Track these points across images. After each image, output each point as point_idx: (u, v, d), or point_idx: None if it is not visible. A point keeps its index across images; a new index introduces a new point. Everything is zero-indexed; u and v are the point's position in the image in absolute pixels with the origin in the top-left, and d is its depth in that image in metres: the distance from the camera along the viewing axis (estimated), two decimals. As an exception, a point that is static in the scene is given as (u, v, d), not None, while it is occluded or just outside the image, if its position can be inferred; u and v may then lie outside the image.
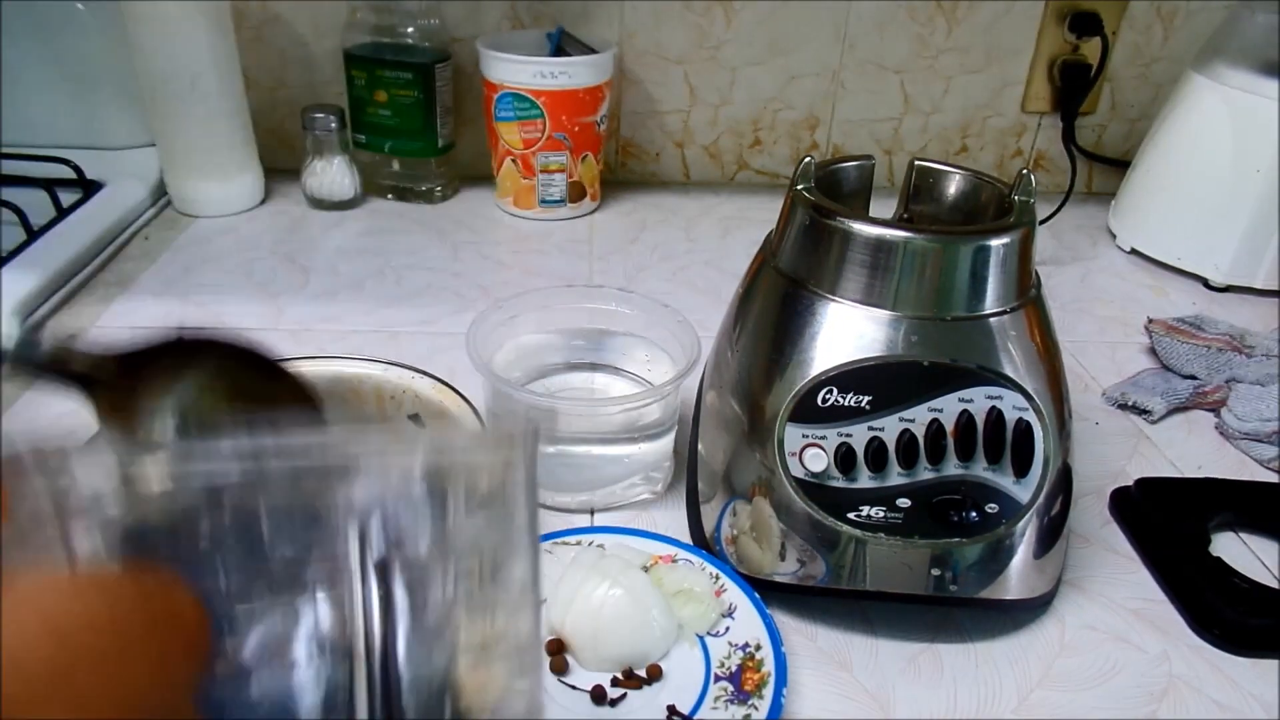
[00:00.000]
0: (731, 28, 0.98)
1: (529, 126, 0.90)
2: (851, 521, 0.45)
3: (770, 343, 0.47)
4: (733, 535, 0.49)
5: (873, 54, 1.00)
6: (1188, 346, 0.71)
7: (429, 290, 0.80)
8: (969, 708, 0.44)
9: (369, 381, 0.52)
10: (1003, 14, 0.99)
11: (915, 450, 0.44)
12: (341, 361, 0.53)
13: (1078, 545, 0.55)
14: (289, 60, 0.98)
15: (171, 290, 0.78)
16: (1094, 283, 0.89)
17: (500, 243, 0.91)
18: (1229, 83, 0.84)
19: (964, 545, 0.45)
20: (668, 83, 1.01)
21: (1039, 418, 0.45)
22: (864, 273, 0.45)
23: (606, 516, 0.55)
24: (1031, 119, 1.05)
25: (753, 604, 0.46)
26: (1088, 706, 0.45)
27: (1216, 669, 0.47)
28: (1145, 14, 1.00)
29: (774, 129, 1.05)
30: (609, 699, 0.42)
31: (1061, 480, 0.47)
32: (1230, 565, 0.51)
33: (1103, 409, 0.68)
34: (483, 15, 0.96)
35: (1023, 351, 0.45)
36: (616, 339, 0.60)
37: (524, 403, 0.52)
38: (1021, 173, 0.47)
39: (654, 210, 1.00)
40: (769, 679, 0.42)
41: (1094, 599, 0.51)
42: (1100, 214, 1.01)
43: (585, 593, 0.44)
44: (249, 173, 0.93)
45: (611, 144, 1.04)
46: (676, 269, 0.87)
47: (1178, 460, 0.63)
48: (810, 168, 0.48)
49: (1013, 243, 0.45)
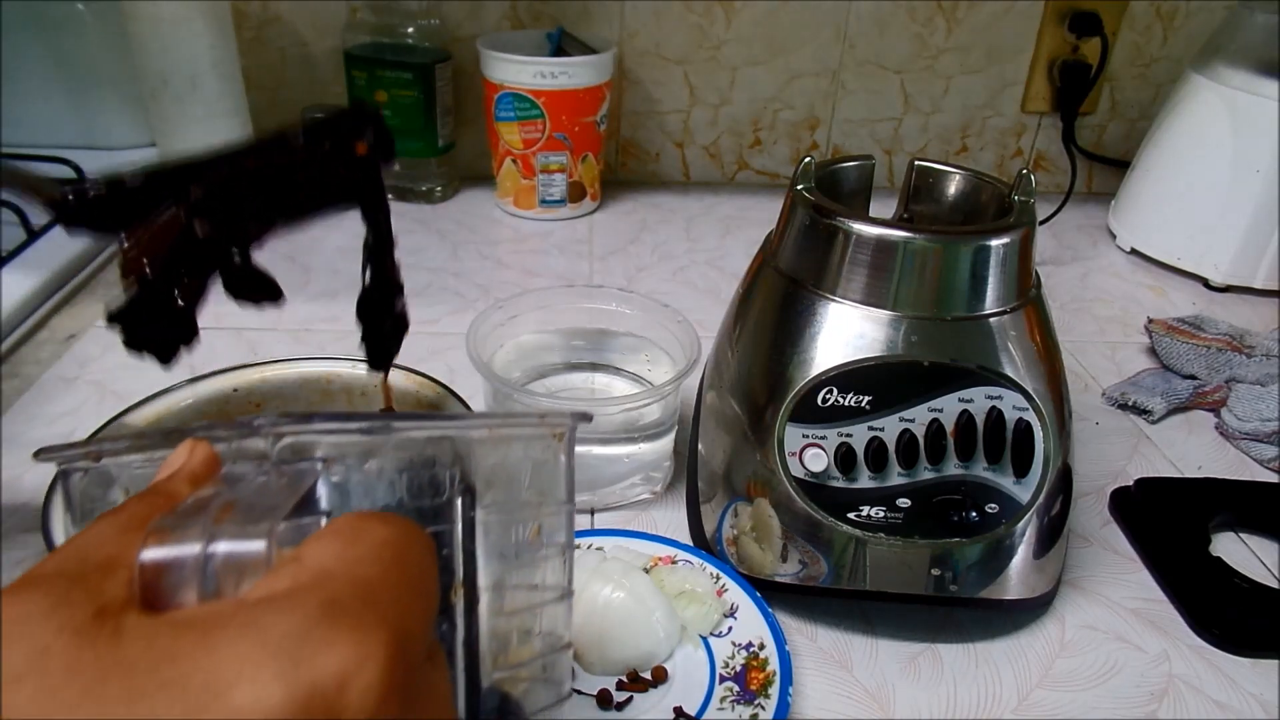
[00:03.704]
0: (731, 28, 0.98)
1: (529, 126, 0.90)
2: (852, 521, 0.45)
3: (770, 343, 0.47)
4: (733, 536, 0.49)
5: (873, 54, 1.00)
6: (1188, 346, 0.71)
7: (429, 290, 0.80)
8: (969, 708, 0.44)
9: (338, 381, 0.52)
10: (1002, 14, 0.99)
11: (915, 450, 0.44)
12: (309, 362, 0.52)
13: (1078, 545, 0.55)
14: (289, 60, 0.98)
15: (172, 290, 0.78)
16: (1094, 283, 0.89)
17: (500, 243, 0.91)
18: (1229, 83, 0.84)
19: (964, 545, 0.45)
20: (668, 83, 1.01)
21: (1039, 418, 0.45)
22: (864, 273, 0.45)
23: (606, 517, 0.55)
24: (1031, 119, 1.05)
25: (754, 604, 0.46)
26: (1087, 706, 0.45)
27: (1216, 669, 0.47)
28: (1145, 14, 1.00)
29: (774, 129, 1.05)
30: (615, 703, 0.42)
31: (1061, 480, 0.47)
32: (1230, 565, 0.51)
33: (1103, 409, 0.68)
34: (483, 15, 0.96)
35: (1023, 351, 0.45)
36: (616, 339, 0.60)
37: (532, 406, 0.52)
38: (1021, 173, 0.47)
39: (654, 210, 1.00)
40: (774, 678, 0.42)
41: (1094, 599, 0.51)
42: (1100, 214, 1.01)
43: (588, 597, 0.44)
44: (249, 173, 0.93)
45: (611, 144, 1.04)
46: (676, 269, 0.87)
47: (1178, 460, 0.63)
48: (810, 168, 0.48)
49: (1013, 243, 0.45)
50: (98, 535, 0.20)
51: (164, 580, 0.20)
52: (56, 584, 0.18)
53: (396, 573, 0.20)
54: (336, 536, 0.20)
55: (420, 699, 0.20)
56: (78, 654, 0.17)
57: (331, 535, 0.20)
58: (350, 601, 0.19)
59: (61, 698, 0.16)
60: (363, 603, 0.19)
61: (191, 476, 0.23)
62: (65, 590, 0.18)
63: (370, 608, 0.19)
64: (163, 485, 0.23)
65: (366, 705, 0.18)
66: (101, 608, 0.18)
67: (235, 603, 0.19)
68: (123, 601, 0.19)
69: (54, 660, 0.17)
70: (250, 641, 0.17)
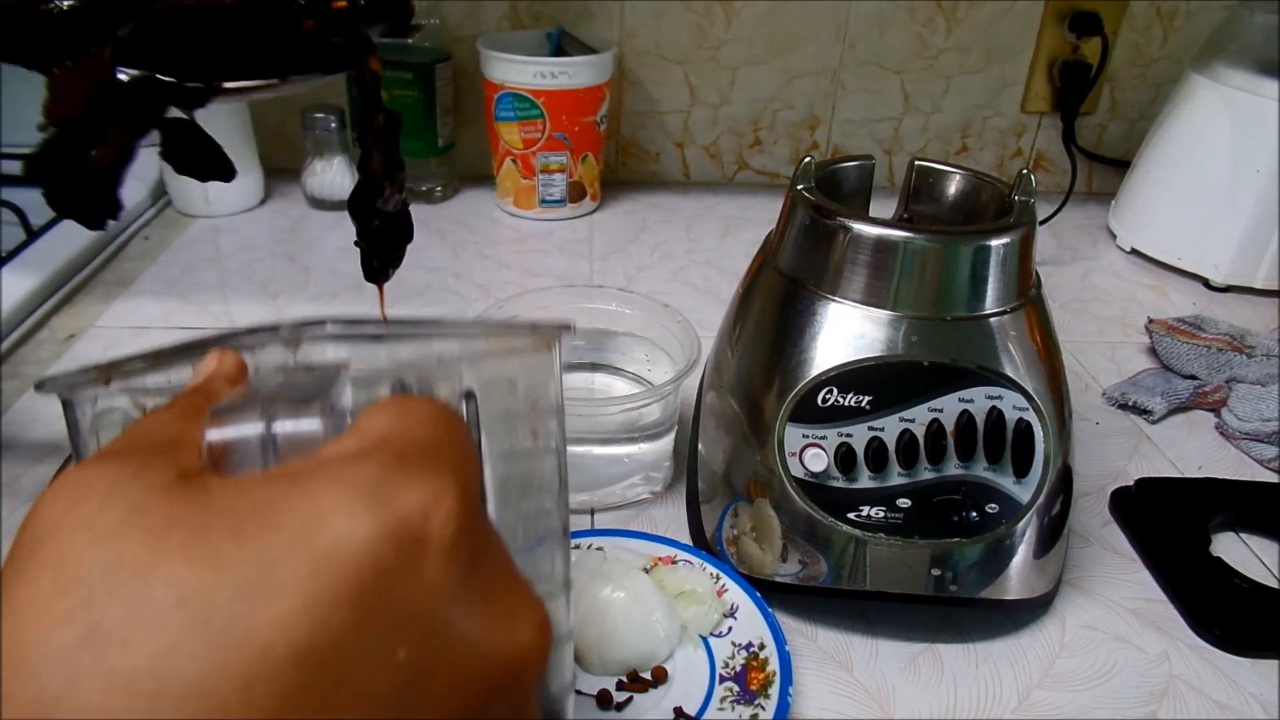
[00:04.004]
0: (731, 28, 0.98)
1: (529, 126, 0.90)
2: (851, 521, 0.45)
3: (770, 343, 0.47)
4: (734, 536, 0.49)
5: (873, 54, 1.00)
6: (1188, 346, 0.71)
7: (429, 290, 0.80)
8: (969, 708, 0.44)
9: None
10: (1002, 14, 0.99)
11: (915, 450, 0.44)
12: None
13: (1078, 545, 0.55)
14: (289, 60, 0.98)
15: (171, 290, 0.78)
16: (1094, 283, 0.89)
17: (500, 243, 0.91)
18: (1229, 83, 0.84)
19: (964, 545, 0.45)
20: (668, 83, 1.01)
21: (1039, 418, 0.45)
22: (864, 273, 0.45)
23: (606, 517, 0.55)
24: (1031, 119, 1.05)
25: (754, 604, 0.46)
26: (1087, 706, 0.45)
27: (1216, 669, 0.47)
28: (1145, 14, 1.00)
29: (774, 129, 1.05)
30: (615, 703, 0.42)
31: (1061, 480, 0.47)
32: (1230, 565, 0.51)
33: (1103, 409, 0.68)
34: (483, 15, 0.96)
35: (1023, 351, 0.45)
36: (616, 339, 0.60)
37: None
38: (1021, 173, 0.47)
39: (654, 210, 1.00)
40: (774, 678, 0.42)
41: (1094, 599, 0.51)
42: (1100, 214, 1.01)
43: (588, 597, 0.44)
44: (249, 173, 0.93)
45: (611, 144, 1.04)
46: (676, 269, 0.87)
47: (1178, 460, 0.63)
48: (810, 168, 0.48)
49: (1013, 243, 0.45)
50: (158, 421, 0.21)
51: (229, 459, 0.21)
52: (132, 457, 0.19)
53: (447, 435, 0.22)
54: (387, 411, 0.21)
55: (487, 543, 0.22)
56: (171, 507, 0.18)
57: (382, 410, 0.22)
58: (416, 455, 0.20)
59: (168, 543, 0.17)
60: (427, 455, 0.20)
61: (227, 378, 0.24)
62: (144, 459, 0.19)
63: (435, 459, 0.20)
64: (202, 386, 0.23)
65: (448, 532, 0.19)
66: (183, 470, 0.19)
67: (312, 460, 0.20)
68: (200, 469, 0.20)
69: (151, 514, 0.18)
70: (338, 485, 0.19)
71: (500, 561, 0.22)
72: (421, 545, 0.19)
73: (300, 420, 0.21)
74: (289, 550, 0.17)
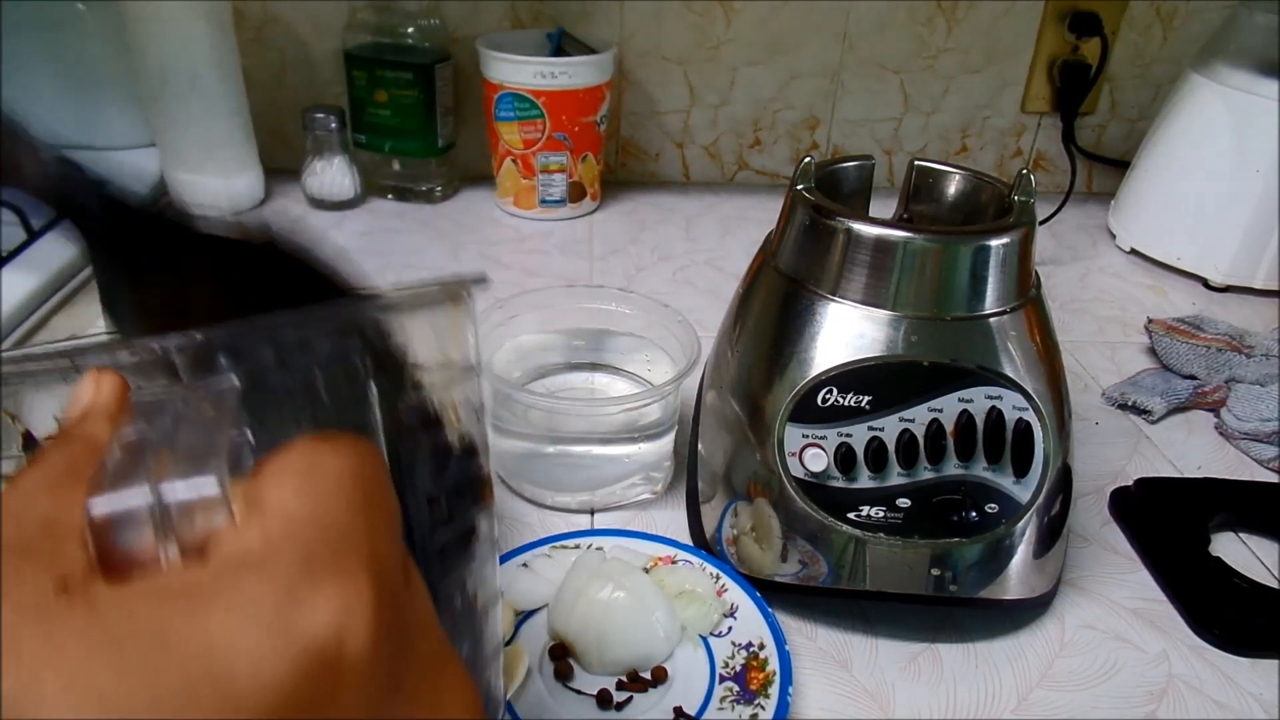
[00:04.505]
0: (731, 28, 0.98)
1: (529, 126, 0.90)
2: (851, 521, 0.45)
3: (770, 343, 0.47)
4: (733, 536, 0.49)
5: (873, 54, 1.00)
6: (1188, 346, 0.71)
7: (429, 290, 0.80)
8: (969, 707, 0.44)
9: None
10: (1002, 14, 0.99)
11: (915, 450, 0.44)
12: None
13: (1078, 545, 0.55)
14: (289, 60, 0.98)
15: (172, 290, 0.78)
16: (1094, 283, 0.89)
17: (500, 243, 0.91)
18: (1229, 83, 0.84)
19: (964, 545, 0.45)
20: (668, 83, 1.01)
21: (1039, 418, 0.45)
22: (864, 273, 0.45)
23: (606, 517, 0.55)
24: (1031, 119, 1.05)
25: (754, 604, 0.46)
26: (1087, 706, 0.45)
27: (1216, 669, 0.47)
28: (1145, 14, 1.00)
29: (774, 129, 1.05)
30: (615, 703, 0.42)
31: (1061, 480, 0.47)
32: (1230, 565, 0.51)
33: (1103, 409, 0.68)
34: (483, 15, 0.96)
35: (1023, 351, 0.45)
36: (616, 339, 0.60)
37: (523, 402, 0.52)
38: (1021, 173, 0.47)
39: (654, 210, 1.00)
40: (774, 678, 0.42)
41: (1094, 599, 0.51)
42: (1100, 214, 1.01)
43: (588, 596, 0.44)
44: (249, 173, 0.93)
45: (611, 144, 1.04)
46: (676, 269, 0.87)
47: (1178, 460, 0.63)
48: (810, 168, 0.48)
49: (1013, 243, 0.45)
50: (26, 496, 0.18)
51: (118, 536, 0.18)
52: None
53: (361, 503, 0.20)
54: (294, 476, 0.20)
55: (410, 626, 0.20)
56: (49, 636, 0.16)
57: (289, 475, 0.20)
58: (325, 552, 0.18)
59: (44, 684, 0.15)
60: (337, 550, 0.19)
61: (107, 414, 0.21)
62: (14, 565, 0.17)
63: (346, 553, 0.19)
64: (77, 429, 0.21)
65: (363, 652, 0.18)
66: (61, 579, 0.17)
67: (211, 570, 0.18)
68: (84, 569, 0.17)
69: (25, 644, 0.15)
70: (239, 614, 0.17)
71: (425, 638, 0.21)
72: (335, 671, 0.17)
73: (194, 483, 0.19)
74: (188, 691, 0.16)
